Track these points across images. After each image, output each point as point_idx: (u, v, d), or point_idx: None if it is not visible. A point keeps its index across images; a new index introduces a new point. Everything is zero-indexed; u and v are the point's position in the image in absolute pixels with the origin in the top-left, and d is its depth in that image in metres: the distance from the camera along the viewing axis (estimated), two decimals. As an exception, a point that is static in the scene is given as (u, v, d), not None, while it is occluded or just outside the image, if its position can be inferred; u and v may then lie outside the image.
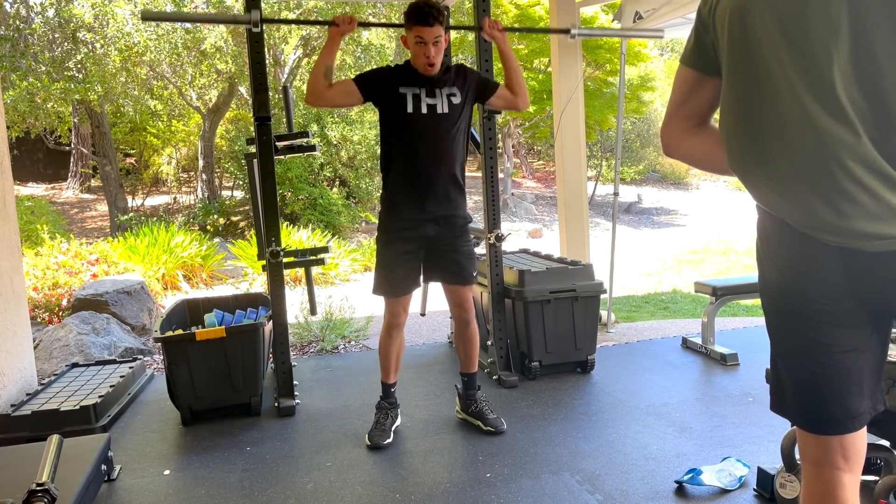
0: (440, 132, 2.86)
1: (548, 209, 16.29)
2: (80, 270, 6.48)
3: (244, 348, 3.37)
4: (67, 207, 15.22)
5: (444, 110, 2.85)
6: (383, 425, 3.04)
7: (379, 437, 2.98)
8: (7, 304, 3.62)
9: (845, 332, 1.24)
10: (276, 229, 3.45)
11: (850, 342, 1.24)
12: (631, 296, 7.07)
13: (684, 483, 2.46)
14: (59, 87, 10.72)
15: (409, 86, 2.85)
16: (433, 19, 2.73)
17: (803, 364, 1.29)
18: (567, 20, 5.06)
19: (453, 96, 2.88)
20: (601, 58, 13.00)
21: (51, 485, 2.03)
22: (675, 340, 4.55)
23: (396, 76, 2.87)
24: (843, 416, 1.28)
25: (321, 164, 13.01)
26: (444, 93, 2.87)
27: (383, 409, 3.10)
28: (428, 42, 2.75)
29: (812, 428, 1.32)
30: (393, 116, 2.87)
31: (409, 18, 2.77)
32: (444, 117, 2.85)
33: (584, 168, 5.24)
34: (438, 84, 2.87)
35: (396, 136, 2.89)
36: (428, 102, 2.84)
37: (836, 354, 1.25)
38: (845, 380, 1.25)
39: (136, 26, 11.09)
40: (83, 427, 3.13)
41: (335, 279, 8.66)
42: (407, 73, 2.88)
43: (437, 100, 2.85)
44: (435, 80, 2.87)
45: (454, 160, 2.91)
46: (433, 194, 2.88)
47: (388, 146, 2.93)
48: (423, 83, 2.86)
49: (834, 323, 1.24)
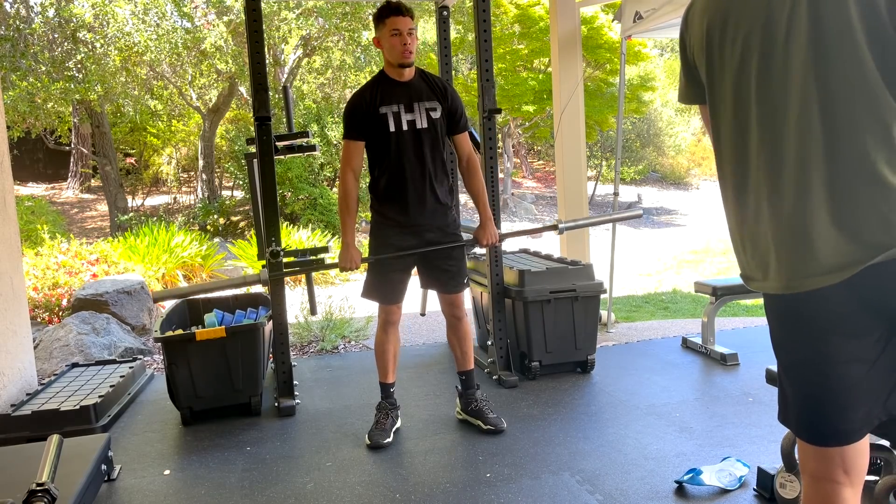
0: (422, 145, 2.93)
1: (548, 209, 16.28)
2: (80, 270, 6.47)
3: (244, 348, 3.37)
4: (67, 207, 15.22)
5: (423, 125, 2.92)
6: (383, 425, 3.04)
7: (379, 436, 2.98)
8: (7, 304, 3.62)
9: (845, 341, 1.23)
10: (276, 229, 3.45)
11: (851, 352, 1.22)
12: (631, 296, 7.07)
13: (684, 483, 2.46)
14: (59, 87, 10.72)
15: (387, 104, 2.90)
16: (405, 10, 2.83)
17: (804, 374, 1.29)
18: (567, 20, 5.07)
19: (433, 111, 2.94)
20: (601, 58, 13.00)
21: (51, 485, 2.02)
22: (675, 340, 4.55)
23: (374, 96, 2.91)
24: (844, 429, 1.26)
25: (321, 164, 13.01)
26: (424, 107, 2.93)
27: (383, 409, 3.10)
28: (403, 31, 2.82)
29: (811, 439, 1.31)
30: (377, 137, 2.93)
31: (382, 13, 2.85)
32: (424, 132, 2.93)
33: (584, 168, 5.24)
34: (416, 97, 2.92)
35: (381, 153, 2.95)
36: (407, 119, 2.91)
37: (839, 365, 1.24)
38: (846, 392, 1.24)
39: (136, 26, 11.09)
40: (83, 427, 3.13)
41: (335, 279, 8.66)
42: (383, 88, 2.92)
43: (415, 115, 2.92)
44: (411, 92, 2.91)
45: (437, 169, 2.99)
46: (421, 205, 2.97)
47: (373, 163, 3.01)
48: (401, 98, 2.91)
49: (834, 331, 1.23)
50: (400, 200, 2.96)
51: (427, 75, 3.01)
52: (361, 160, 2.97)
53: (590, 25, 12.43)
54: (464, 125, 3.05)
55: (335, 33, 12.73)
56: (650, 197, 18.38)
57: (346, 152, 2.95)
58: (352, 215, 2.95)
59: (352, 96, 2.97)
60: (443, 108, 2.96)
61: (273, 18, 12.20)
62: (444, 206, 3.02)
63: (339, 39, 13.15)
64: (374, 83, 2.95)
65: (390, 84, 2.92)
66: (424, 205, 2.96)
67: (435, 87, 2.98)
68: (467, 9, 12.85)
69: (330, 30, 12.53)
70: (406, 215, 2.96)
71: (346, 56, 13.33)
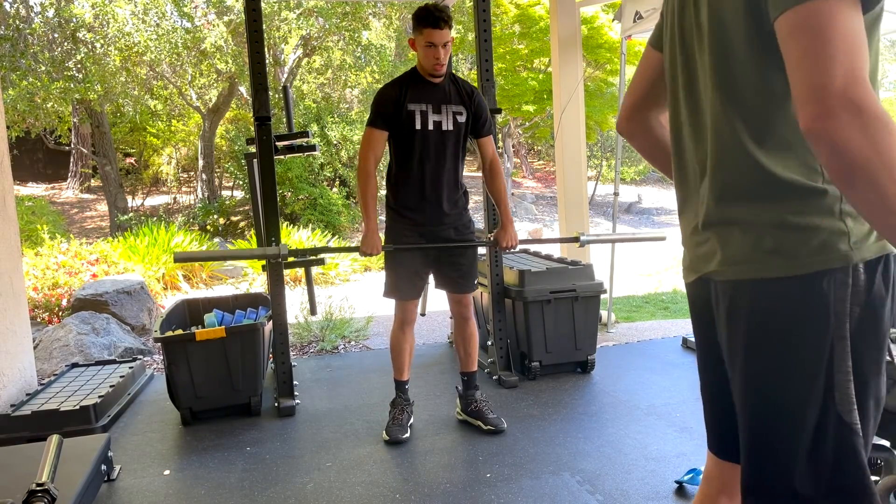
0: (445, 147, 2.97)
1: (548, 209, 16.28)
2: (79, 270, 6.48)
3: (244, 348, 3.37)
4: (67, 207, 15.22)
5: (448, 127, 2.96)
6: (400, 420, 3.07)
7: (398, 431, 3.01)
8: (7, 305, 3.61)
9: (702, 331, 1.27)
10: (276, 229, 3.45)
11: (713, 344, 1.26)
12: (631, 296, 7.07)
13: (684, 483, 2.46)
14: (59, 86, 10.72)
15: (416, 102, 2.92)
16: (443, 23, 2.80)
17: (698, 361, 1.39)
18: (567, 20, 5.07)
19: (459, 115, 2.98)
20: (601, 58, 12.99)
21: (51, 485, 2.02)
22: (675, 340, 4.55)
23: (403, 92, 2.92)
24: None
25: (321, 164, 13.01)
26: (451, 110, 2.96)
27: (398, 405, 3.13)
28: (438, 45, 2.81)
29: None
30: (401, 133, 2.95)
31: (419, 21, 2.82)
32: (449, 134, 2.97)
33: (584, 168, 5.24)
34: (444, 100, 2.95)
35: (404, 150, 2.97)
36: (434, 119, 2.94)
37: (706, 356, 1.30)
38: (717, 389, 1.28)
39: (136, 26, 11.09)
40: (83, 427, 3.13)
41: (335, 279, 8.66)
42: (414, 86, 2.93)
43: (442, 116, 2.95)
44: (441, 94, 2.94)
45: (456, 169, 3.05)
46: (438, 205, 3.01)
47: (394, 158, 3.03)
48: (430, 99, 2.93)
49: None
50: (418, 199, 3.00)
51: (456, 80, 3.03)
52: (383, 149, 2.98)
53: (590, 25, 12.42)
54: (488, 129, 3.09)
55: (335, 33, 12.73)
56: (650, 197, 18.37)
57: (368, 138, 2.95)
58: (373, 200, 2.94)
59: (383, 87, 3.00)
60: (468, 113, 2.99)
61: (273, 18, 12.19)
62: (459, 208, 3.08)
63: (339, 39, 13.15)
64: (406, 79, 2.96)
65: (422, 83, 2.94)
66: (441, 205, 3.00)
67: (463, 91, 3.00)
68: (467, 9, 12.85)
69: (330, 30, 12.53)
70: (423, 214, 3.00)
71: (346, 56, 13.33)
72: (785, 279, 1.02)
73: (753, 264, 1.05)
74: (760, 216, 1.04)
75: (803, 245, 1.00)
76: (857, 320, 1.00)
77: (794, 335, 1.02)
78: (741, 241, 1.07)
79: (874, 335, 1.02)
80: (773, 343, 1.05)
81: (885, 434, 2.07)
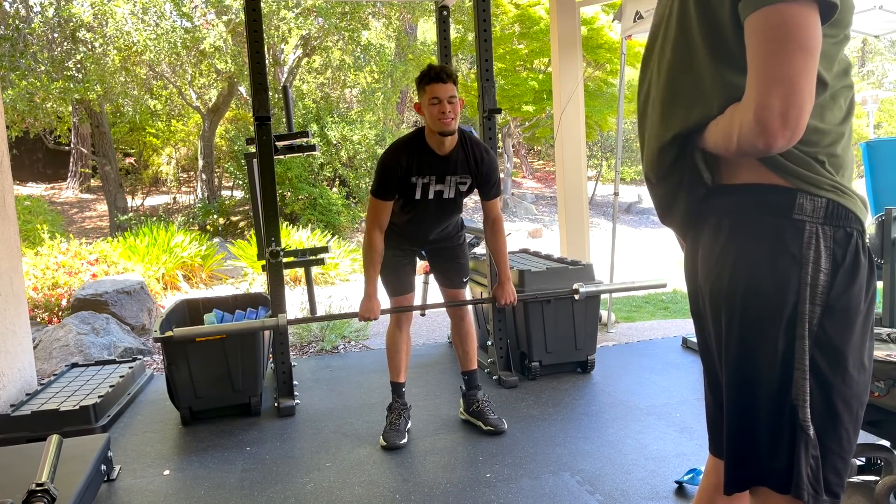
0: (443, 212, 3.00)
1: (548, 209, 16.28)
2: (79, 270, 6.47)
3: (244, 348, 3.37)
4: (67, 207, 15.21)
5: (449, 195, 2.95)
6: (397, 426, 3.04)
7: (395, 437, 2.98)
8: (7, 304, 3.61)
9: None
10: (276, 229, 3.45)
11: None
12: (631, 296, 7.06)
13: (684, 483, 2.46)
14: (59, 86, 10.71)
15: (420, 174, 2.86)
16: (447, 76, 2.75)
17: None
18: (567, 20, 5.07)
19: (462, 184, 2.94)
20: (601, 58, 13.00)
21: (50, 485, 2.02)
22: (675, 340, 4.55)
23: (409, 164, 2.84)
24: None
25: (321, 164, 13.00)
26: (455, 181, 2.92)
27: (395, 409, 3.10)
28: (443, 99, 2.73)
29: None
30: (401, 196, 2.94)
31: (421, 80, 2.78)
32: (449, 201, 2.97)
33: (584, 168, 5.24)
34: (450, 171, 2.89)
35: (404, 205, 2.97)
36: (436, 189, 2.91)
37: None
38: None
39: (136, 25, 11.08)
40: (83, 427, 3.13)
41: (335, 279, 8.66)
42: (420, 157, 2.85)
43: (445, 186, 2.92)
44: (446, 165, 2.87)
45: (454, 221, 3.14)
46: (431, 237, 3.11)
47: (394, 206, 3.00)
48: (434, 171, 2.87)
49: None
50: (410, 236, 3.10)
51: (467, 145, 2.91)
52: (388, 218, 2.94)
53: (590, 25, 12.42)
54: (496, 192, 3.02)
55: (335, 33, 12.72)
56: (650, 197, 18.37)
57: (373, 209, 2.90)
58: (376, 269, 2.94)
59: (389, 154, 2.88)
60: (474, 180, 2.95)
61: (272, 18, 12.18)
62: (452, 232, 3.19)
63: (338, 39, 13.14)
64: (412, 149, 2.86)
65: (428, 155, 2.85)
66: (434, 237, 3.12)
67: (471, 158, 2.90)
68: (467, 9, 12.85)
69: (329, 29, 12.52)
70: (415, 237, 3.10)
71: (346, 56, 13.31)
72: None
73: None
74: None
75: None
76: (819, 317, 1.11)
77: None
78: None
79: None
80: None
81: (886, 434, 2.08)
